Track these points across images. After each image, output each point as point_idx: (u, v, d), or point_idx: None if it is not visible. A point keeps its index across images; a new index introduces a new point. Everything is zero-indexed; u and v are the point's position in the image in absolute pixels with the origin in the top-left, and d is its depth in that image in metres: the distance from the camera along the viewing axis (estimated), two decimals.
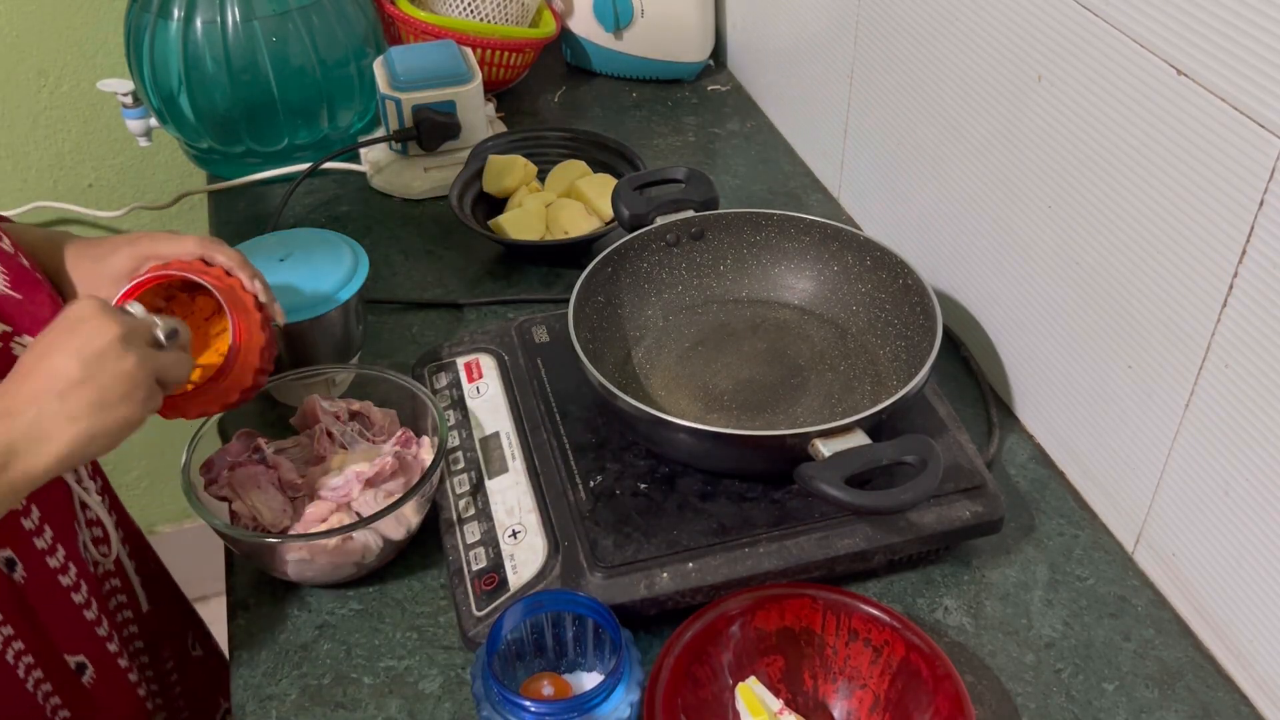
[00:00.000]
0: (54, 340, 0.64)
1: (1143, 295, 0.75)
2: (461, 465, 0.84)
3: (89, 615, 0.82)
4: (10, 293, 0.74)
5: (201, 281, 0.75)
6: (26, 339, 0.73)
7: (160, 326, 0.69)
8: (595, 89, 1.45)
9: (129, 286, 0.75)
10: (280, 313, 0.81)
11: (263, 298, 0.79)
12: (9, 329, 0.72)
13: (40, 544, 0.77)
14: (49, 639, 0.78)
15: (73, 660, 0.80)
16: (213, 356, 0.77)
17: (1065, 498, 0.87)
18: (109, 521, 0.85)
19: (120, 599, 0.89)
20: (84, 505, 0.83)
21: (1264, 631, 0.70)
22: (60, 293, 0.81)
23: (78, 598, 0.80)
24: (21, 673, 0.76)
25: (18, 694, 0.76)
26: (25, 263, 0.76)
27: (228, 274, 0.78)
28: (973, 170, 0.92)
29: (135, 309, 0.69)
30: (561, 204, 1.13)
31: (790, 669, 0.72)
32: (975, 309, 0.97)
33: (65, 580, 0.79)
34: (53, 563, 0.78)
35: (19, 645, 0.75)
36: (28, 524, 0.76)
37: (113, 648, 0.84)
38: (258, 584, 0.81)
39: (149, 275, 0.76)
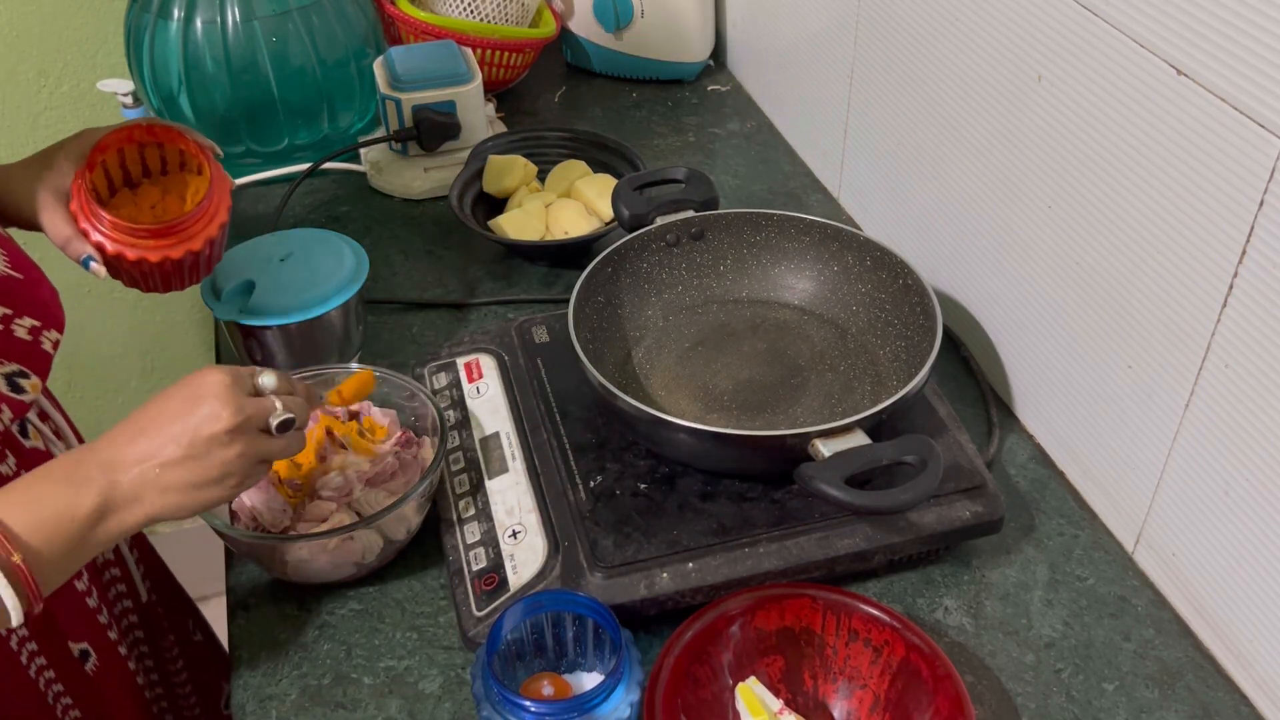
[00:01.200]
0: (173, 408, 0.65)
1: (1143, 295, 0.75)
2: (461, 465, 0.84)
3: (90, 603, 0.82)
4: (11, 273, 0.74)
5: (180, 143, 0.83)
6: (27, 320, 0.74)
7: (277, 415, 0.68)
8: (595, 89, 1.45)
9: (90, 156, 0.79)
10: (229, 177, 0.87)
11: (220, 151, 0.86)
12: (10, 311, 0.73)
13: None
14: (54, 626, 0.79)
15: (77, 648, 0.81)
16: (192, 197, 0.85)
17: (1065, 498, 0.87)
18: None
19: (120, 589, 0.90)
20: None
21: (1264, 631, 0.70)
22: (6, 213, 0.83)
23: (80, 585, 0.81)
24: (25, 659, 0.76)
25: (21, 681, 0.76)
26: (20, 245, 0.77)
27: (180, 133, 0.84)
28: (973, 170, 0.92)
29: (268, 381, 0.69)
30: (561, 204, 1.13)
31: (790, 669, 0.72)
32: (975, 309, 0.97)
33: None
34: None
35: (23, 631, 0.76)
36: None
37: (113, 635, 0.85)
38: (258, 584, 0.81)
39: (110, 136, 0.80)
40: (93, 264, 0.81)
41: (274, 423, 0.68)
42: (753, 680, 0.70)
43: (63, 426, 0.84)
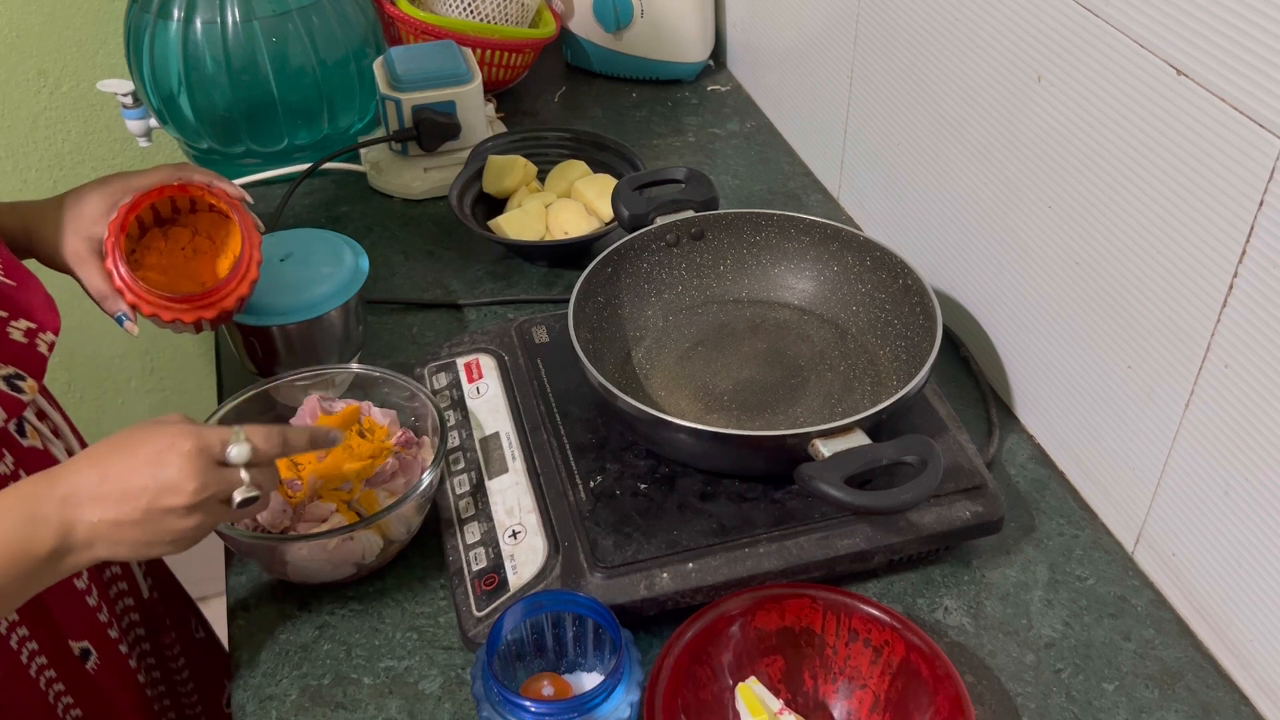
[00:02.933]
0: (136, 468, 0.63)
1: (1143, 295, 0.75)
2: (461, 465, 0.84)
3: (90, 601, 0.82)
4: (4, 280, 0.74)
5: (208, 197, 0.82)
6: (23, 323, 0.74)
7: (240, 494, 0.66)
8: (595, 89, 1.45)
9: (120, 214, 0.79)
10: (260, 222, 0.86)
11: (249, 199, 0.85)
12: (5, 315, 0.73)
13: None
14: (55, 625, 0.79)
15: (77, 646, 0.81)
16: (227, 258, 0.85)
17: (1065, 498, 0.87)
18: None
19: (121, 586, 0.90)
20: None
21: (1264, 631, 0.70)
22: (31, 250, 0.83)
23: (80, 584, 0.81)
24: (25, 658, 0.76)
25: (21, 680, 0.76)
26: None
27: (226, 194, 0.83)
28: (973, 170, 0.92)
29: (240, 452, 0.66)
30: (561, 204, 1.13)
31: (790, 669, 0.72)
32: (975, 309, 0.97)
33: None
34: None
35: (23, 631, 0.76)
36: None
37: (113, 634, 0.85)
38: (258, 584, 0.81)
39: (141, 195, 0.80)
40: (126, 322, 0.82)
41: (237, 499, 0.66)
42: (753, 680, 0.70)
43: (61, 425, 0.84)
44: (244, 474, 0.66)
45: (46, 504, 0.63)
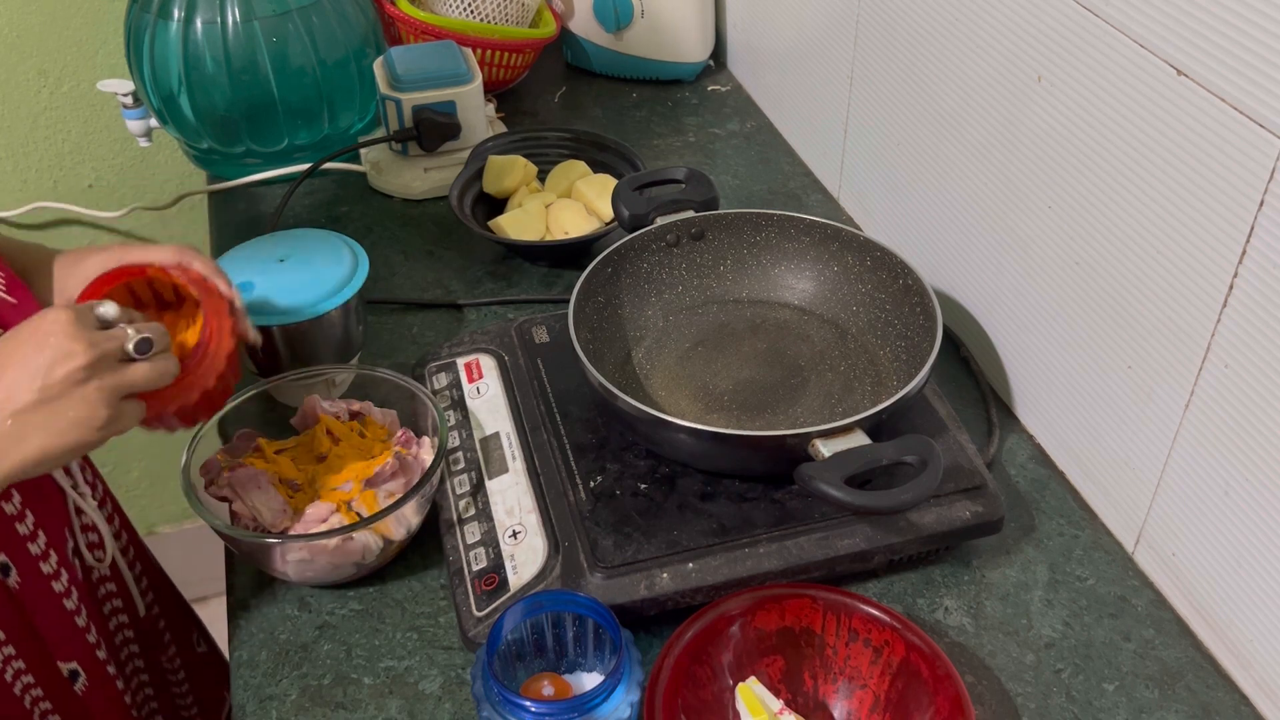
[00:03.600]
0: (18, 352, 0.61)
1: (1143, 295, 0.75)
2: (461, 465, 0.84)
3: (80, 622, 0.81)
4: (6, 297, 0.74)
5: (173, 278, 0.74)
6: None
7: (131, 339, 0.64)
8: (595, 89, 1.45)
9: (94, 281, 0.72)
10: (251, 331, 0.79)
11: (238, 304, 0.77)
12: (3, 331, 0.73)
13: (34, 549, 0.77)
14: (43, 645, 0.78)
15: (65, 667, 0.80)
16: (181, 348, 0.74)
17: (1065, 498, 0.87)
18: (104, 526, 0.85)
19: (115, 604, 0.89)
20: (79, 510, 0.83)
21: (1264, 631, 0.70)
22: (30, 291, 0.81)
23: (69, 604, 0.80)
24: (10, 677, 0.75)
25: (7, 700, 0.75)
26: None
27: (203, 280, 0.75)
28: (973, 170, 0.92)
29: (108, 310, 0.65)
30: (561, 204, 1.13)
31: (790, 669, 0.72)
32: (975, 309, 0.97)
33: (58, 586, 0.79)
34: (46, 568, 0.78)
35: (9, 650, 0.75)
36: (22, 529, 0.76)
37: (102, 654, 0.84)
38: (258, 584, 0.81)
39: (117, 269, 0.74)
40: None
41: (130, 346, 0.64)
42: (753, 680, 0.70)
43: None
44: (126, 327, 0.64)
45: None
